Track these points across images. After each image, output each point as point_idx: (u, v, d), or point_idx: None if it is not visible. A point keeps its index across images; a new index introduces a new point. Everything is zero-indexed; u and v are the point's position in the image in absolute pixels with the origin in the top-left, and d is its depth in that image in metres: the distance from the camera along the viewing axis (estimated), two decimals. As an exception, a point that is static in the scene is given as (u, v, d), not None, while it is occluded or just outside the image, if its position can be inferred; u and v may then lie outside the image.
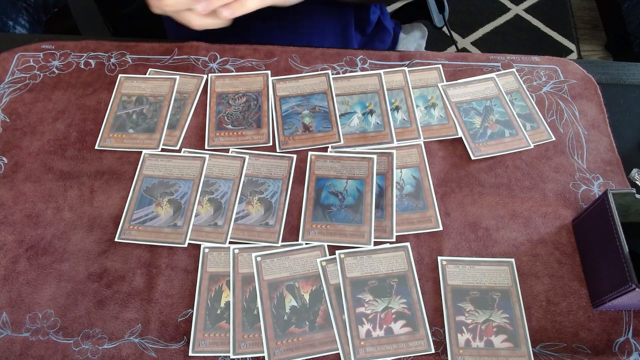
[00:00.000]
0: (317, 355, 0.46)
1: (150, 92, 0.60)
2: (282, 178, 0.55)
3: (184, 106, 0.60)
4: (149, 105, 0.59)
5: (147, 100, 0.60)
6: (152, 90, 0.60)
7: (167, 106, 0.59)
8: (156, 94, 0.60)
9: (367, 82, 0.62)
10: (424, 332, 0.47)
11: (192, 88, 0.61)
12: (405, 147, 0.57)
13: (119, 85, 0.61)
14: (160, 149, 0.57)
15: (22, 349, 0.46)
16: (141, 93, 0.60)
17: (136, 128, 0.58)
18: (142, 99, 0.60)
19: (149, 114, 0.59)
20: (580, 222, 0.51)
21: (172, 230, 0.51)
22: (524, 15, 1.85)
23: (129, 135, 0.58)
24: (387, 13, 0.91)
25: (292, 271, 0.50)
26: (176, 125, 0.58)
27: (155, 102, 0.59)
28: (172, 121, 0.58)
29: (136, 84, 0.61)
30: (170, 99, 0.59)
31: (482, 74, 0.63)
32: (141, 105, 0.59)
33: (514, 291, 0.49)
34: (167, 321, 0.48)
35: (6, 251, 0.51)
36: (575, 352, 0.46)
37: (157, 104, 0.59)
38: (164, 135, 0.57)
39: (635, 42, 1.65)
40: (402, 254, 0.50)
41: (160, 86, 0.61)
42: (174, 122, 0.58)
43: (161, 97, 0.60)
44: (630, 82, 0.63)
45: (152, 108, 0.59)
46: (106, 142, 0.57)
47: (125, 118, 0.59)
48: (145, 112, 0.59)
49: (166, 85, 0.61)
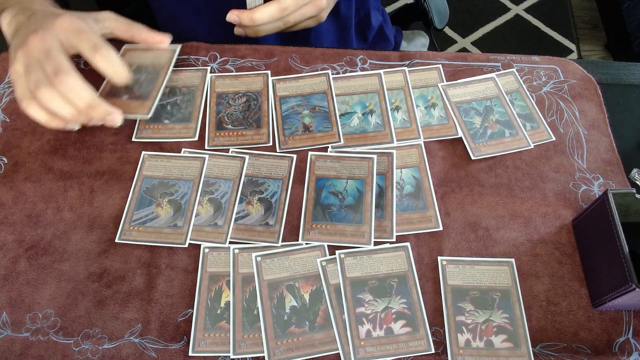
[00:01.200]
0: (317, 355, 0.46)
1: (151, 62, 0.61)
2: (282, 178, 0.55)
3: (194, 99, 0.61)
4: (147, 74, 0.60)
5: (146, 69, 0.60)
6: (153, 60, 0.61)
7: (200, 96, 0.61)
8: (156, 64, 0.60)
9: (367, 82, 0.62)
10: (424, 332, 0.47)
11: (199, 80, 0.62)
12: (405, 147, 0.57)
13: (121, 56, 0.61)
14: (197, 138, 0.58)
15: (22, 349, 0.46)
16: (141, 63, 0.61)
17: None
18: (141, 69, 0.60)
19: (145, 82, 0.59)
20: (580, 222, 0.51)
21: (173, 230, 0.51)
22: (524, 15, 1.85)
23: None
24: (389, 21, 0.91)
25: (292, 271, 0.50)
26: (190, 117, 0.59)
27: (153, 72, 0.60)
28: (185, 114, 0.59)
29: (138, 54, 0.61)
30: (168, 69, 0.60)
31: (482, 74, 0.63)
32: (139, 74, 0.60)
33: (514, 291, 0.49)
34: (167, 321, 0.48)
35: (6, 251, 0.51)
36: (575, 352, 0.46)
37: (155, 74, 0.60)
38: (199, 123, 0.59)
39: (635, 42, 1.65)
40: (402, 254, 0.50)
41: (160, 56, 0.61)
42: (187, 115, 0.59)
43: (160, 67, 0.60)
44: (630, 82, 0.63)
45: (149, 77, 0.59)
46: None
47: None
48: (142, 80, 0.59)
49: (166, 55, 0.61)
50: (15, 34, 0.55)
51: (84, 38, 0.52)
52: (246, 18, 0.59)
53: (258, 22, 0.58)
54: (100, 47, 0.52)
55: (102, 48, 0.52)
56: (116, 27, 0.58)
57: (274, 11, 0.58)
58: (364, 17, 0.83)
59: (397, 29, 0.96)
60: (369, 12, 0.82)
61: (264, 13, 0.58)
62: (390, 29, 0.91)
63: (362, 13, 0.82)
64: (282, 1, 0.58)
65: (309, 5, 0.59)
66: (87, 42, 0.52)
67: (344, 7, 0.75)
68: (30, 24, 0.53)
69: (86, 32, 0.52)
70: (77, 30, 0.52)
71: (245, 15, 0.59)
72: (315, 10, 0.60)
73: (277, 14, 0.58)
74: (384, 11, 0.91)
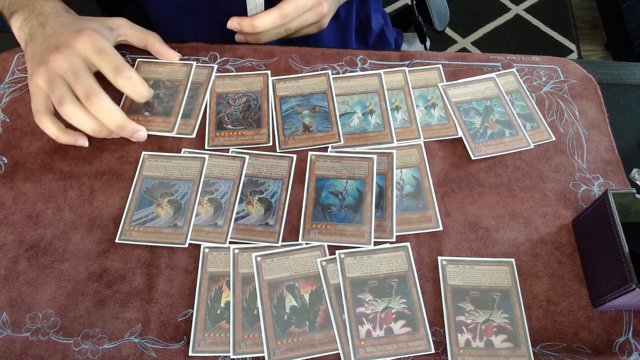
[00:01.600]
0: (317, 355, 0.46)
1: (167, 77, 0.61)
2: (282, 178, 0.55)
3: (197, 96, 0.60)
4: (165, 89, 0.60)
5: (164, 84, 0.60)
6: (169, 75, 0.61)
7: (183, 91, 0.60)
8: (173, 79, 0.60)
9: (367, 82, 0.62)
10: (424, 332, 0.47)
11: (204, 78, 0.61)
12: (405, 147, 0.57)
13: (136, 69, 0.62)
14: (175, 133, 0.57)
15: (22, 349, 0.46)
16: (158, 77, 0.61)
17: (152, 111, 0.58)
18: (159, 83, 0.60)
19: (165, 98, 0.59)
20: (580, 222, 0.51)
21: (173, 230, 0.51)
22: (524, 15, 1.85)
23: (145, 117, 0.58)
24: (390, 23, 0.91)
25: (292, 271, 0.50)
26: (190, 114, 0.59)
27: (172, 87, 0.60)
28: (186, 110, 0.59)
29: (154, 69, 0.62)
30: (186, 85, 0.60)
31: (482, 74, 0.63)
32: (158, 90, 0.60)
33: (514, 291, 0.49)
34: (167, 321, 0.48)
35: (6, 251, 0.51)
36: (575, 352, 0.46)
37: (174, 89, 0.60)
38: (179, 119, 0.58)
39: (635, 42, 1.65)
40: (402, 254, 0.50)
41: (177, 71, 0.61)
42: (187, 111, 0.59)
43: (177, 82, 0.60)
44: (630, 82, 0.63)
45: (168, 92, 0.59)
46: None
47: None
48: (161, 96, 0.59)
49: (183, 71, 0.61)
50: (31, 40, 0.55)
51: (106, 59, 0.53)
52: (247, 25, 0.59)
53: (259, 29, 0.58)
54: (122, 69, 0.53)
55: (123, 70, 0.53)
56: (130, 35, 0.59)
57: (275, 18, 0.58)
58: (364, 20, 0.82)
59: (398, 32, 0.95)
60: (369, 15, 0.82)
61: (265, 20, 0.58)
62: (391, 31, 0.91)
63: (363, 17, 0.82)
64: (283, 8, 0.57)
65: (310, 12, 0.59)
66: (109, 64, 0.52)
67: (344, 11, 0.75)
68: (47, 34, 0.54)
69: (107, 52, 0.53)
70: (99, 50, 0.53)
71: (246, 22, 0.59)
72: (317, 17, 0.60)
73: (278, 20, 0.58)
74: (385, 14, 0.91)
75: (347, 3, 0.74)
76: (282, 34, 0.61)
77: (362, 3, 0.80)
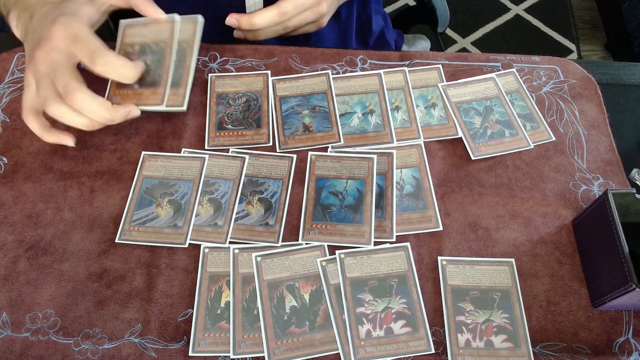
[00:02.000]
0: (317, 355, 0.46)
1: (152, 38, 0.56)
2: (282, 178, 0.55)
3: (184, 58, 0.56)
4: (152, 54, 0.55)
5: (150, 48, 0.55)
6: (154, 35, 0.56)
7: (170, 54, 0.55)
8: (158, 40, 0.56)
9: (367, 82, 0.62)
10: (424, 332, 0.47)
11: (189, 35, 0.56)
12: (405, 147, 0.57)
13: (122, 35, 0.57)
14: (165, 105, 0.53)
15: (22, 349, 0.46)
16: (144, 40, 0.56)
17: (141, 82, 0.54)
18: (145, 48, 0.56)
19: (152, 65, 0.54)
20: (580, 222, 0.51)
21: (173, 230, 0.51)
22: (524, 15, 1.85)
23: (133, 91, 0.54)
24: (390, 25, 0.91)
25: (292, 271, 0.50)
26: (179, 81, 0.55)
27: (158, 50, 0.55)
28: (174, 77, 0.55)
29: (138, 31, 0.57)
30: (172, 46, 0.55)
31: (482, 74, 0.63)
32: (144, 56, 0.55)
33: (514, 291, 0.49)
34: (167, 321, 0.48)
35: (6, 251, 0.51)
36: (575, 352, 0.46)
37: (160, 52, 0.55)
38: (168, 90, 0.54)
39: (635, 42, 1.65)
40: (402, 254, 0.50)
41: (161, 31, 0.56)
42: (176, 78, 0.55)
43: (163, 43, 0.55)
44: (630, 82, 0.63)
45: (155, 58, 0.55)
46: (113, 99, 0.55)
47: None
48: (149, 62, 0.55)
49: (167, 28, 0.56)
50: (25, 37, 0.54)
51: (81, 47, 0.50)
52: (245, 22, 0.58)
53: (257, 26, 0.58)
54: (97, 55, 0.50)
55: (99, 56, 0.49)
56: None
57: (274, 15, 0.58)
58: (364, 22, 0.82)
59: (399, 33, 0.95)
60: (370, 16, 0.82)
61: (264, 17, 0.58)
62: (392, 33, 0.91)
63: (363, 18, 0.82)
64: (281, 5, 0.57)
65: (309, 11, 0.59)
66: (85, 52, 0.50)
67: (345, 11, 0.74)
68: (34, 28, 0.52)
69: (82, 39, 0.50)
70: (73, 38, 0.50)
71: (245, 19, 0.58)
72: (316, 16, 0.60)
73: (276, 18, 0.58)
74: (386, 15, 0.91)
75: (348, 3, 0.74)
76: (280, 32, 0.61)
77: (363, 4, 0.80)
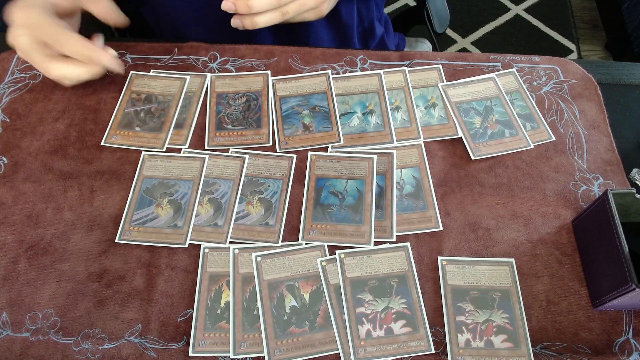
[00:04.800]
0: (317, 355, 0.46)
1: (160, 91, 0.61)
2: (282, 178, 0.55)
3: (190, 105, 0.60)
4: (157, 104, 0.60)
5: (156, 99, 0.60)
6: (162, 89, 0.61)
7: (175, 106, 0.59)
8: (165, 93, 0.60)
9: (367, 82, 0.62)
10: (424, 332, 0.47)
11: (197, 87, 0.61)
12: (405, 147, 0.57)
13: (129, 83, 0.61)
14: (165, 149, 0.57)
15: (22, 349, 0.46)
16: (151, 91, 0.61)
17: (143, 126, 0.58)
18: (151, 97, 0.60)
19: (156, 112, 0.59)
20: (580, 222, 0.51)
21: (173, 230, 0.51)
22: (524, 15, 1.85)
23: (135, 133, 0.58)
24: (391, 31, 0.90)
25: (292, 271, 0.50)
26: (183, 124, 0.58)
27: (163, 102, 0.60)
28: (179, 120, 0.59)
29: (146, 82, 0.61)
30: (179, 99, 0.60)
31: (482, 74, 0.63)
32: (150, 104, 0.60)
33: (514, 291, 0.49)
34: (167, 321, 0.48)
35: (6, 251, 0.51)
36: (575, 352, 0.46)
37: (166, 103, 0.60)
38: (169, 135, 0.58)
39: (635, 42, 1.65)
40: (402, 254, 0.50)
41: (170, 85, 0.61)
42: (180, 121, 0.59)
43: (170, 96, 0.60)
44: (630, 82, 0.63)
45: (160, 107, 0.59)
46: (112, 139, 0.57)
47: (133, 116, 0.59)
48: (153, 110, 0.59)
49: (176, 85, 0.61)
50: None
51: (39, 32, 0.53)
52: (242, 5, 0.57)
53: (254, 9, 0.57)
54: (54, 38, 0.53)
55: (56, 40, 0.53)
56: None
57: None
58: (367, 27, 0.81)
59: (400, 36, 0.95)
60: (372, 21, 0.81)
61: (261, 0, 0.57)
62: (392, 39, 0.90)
63: (366, 23, 0.81)
64: None
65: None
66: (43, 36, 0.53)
67: (345, 12, 0.73)
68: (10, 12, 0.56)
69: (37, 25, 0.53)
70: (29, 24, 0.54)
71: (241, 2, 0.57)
72: (315, 2, 0.59)
73: (274, 1, 0.56)
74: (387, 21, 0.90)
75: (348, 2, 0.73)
76: (278, 18, 0.59)
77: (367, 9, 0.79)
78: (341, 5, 0.71)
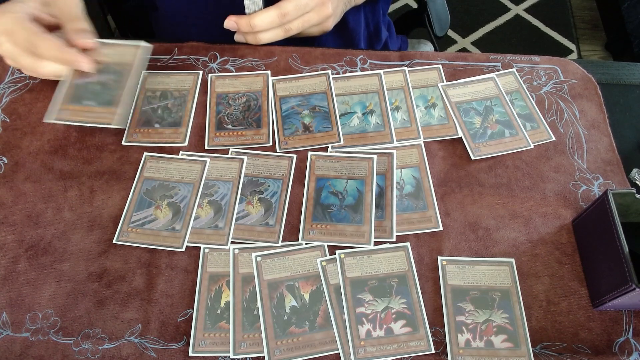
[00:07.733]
0: (317, 355, 0.46)
1: (175, 87, 0.61)
2: (282, 178, 0.55)
3: (185, 103, 0.60)
4: (173, 99, 0.60)
5: (172, 94, 0.60)
6: (176, 85, 0.61)
7: (192, 100, 0.60)
8: (180, 89, 0.61)
9: (367, 82, 0.62)
10: (424, 332, 0.47)
11: (190, 85, 0.62)
12: (405, 147, 0.57)
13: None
14: (187, 143, 0.57)
15: (22, 349, 0.46)
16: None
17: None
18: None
19: (173, 108, 0.59)
20: (580, 222, 0.51)
21: (170, 233, 0.51)
22: (524, 15, 1.85)
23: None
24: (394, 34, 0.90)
25: (292, 271, 0.50)
26: (180, 122, 0.59)
27: (179, 97, 0.60)
28: (175, 119, 0.59)
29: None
30: (194, 94, 0.60)
31: (482, 74, 0.63)
32: (166, 100, 0.60)
33: (514, 291, 0.49)
34: (167, 321, 0.48)
35: (6, 251, 0.51)
36: (575, 352, 0.46)
37: (182, 98, 0.60)
38: (189, 128, 0.58)
39: (635, 42, 1.65)
40: (402, 254, 0.50)
41: (184, 81, 0.62)
42: (177, 119, 0.59)
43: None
44: (630, 82, 0.63)
45: (176, 102, 0.60)
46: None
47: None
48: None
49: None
50: None
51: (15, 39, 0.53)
52: (244, 24, 0.57)
53: (257, 27, 0.56)
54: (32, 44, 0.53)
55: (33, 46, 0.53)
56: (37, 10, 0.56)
57: (274, 16, 0.56)
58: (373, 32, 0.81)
59: (403, 39, 0.95)
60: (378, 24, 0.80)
61: (263, 18, 0.56)
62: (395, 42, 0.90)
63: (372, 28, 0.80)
64: (282, 6, 0.55)
65: (312, 13, 0.57)
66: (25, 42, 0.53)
67: (352, 20, 0.72)
68: None
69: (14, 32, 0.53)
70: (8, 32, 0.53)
71: (244, 21, 0.57)
72: (320, 18, 0.58)
73: (277, 19, 0.56)
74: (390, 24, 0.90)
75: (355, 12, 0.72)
76: (281, 35, 0.59)
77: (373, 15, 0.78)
78: (348, 14, 0.70)
